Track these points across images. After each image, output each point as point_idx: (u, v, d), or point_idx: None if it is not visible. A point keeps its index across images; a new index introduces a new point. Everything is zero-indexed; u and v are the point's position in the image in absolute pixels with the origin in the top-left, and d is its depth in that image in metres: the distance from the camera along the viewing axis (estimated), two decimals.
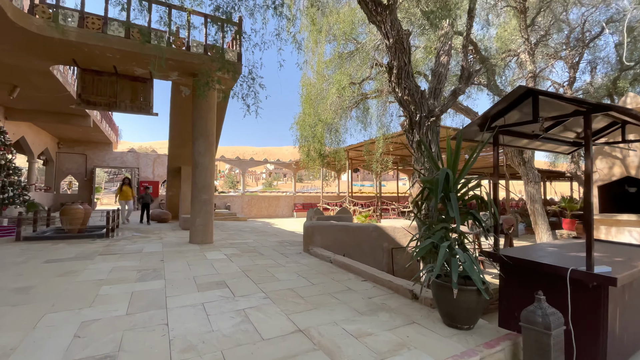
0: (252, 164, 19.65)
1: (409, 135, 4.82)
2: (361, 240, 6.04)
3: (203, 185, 6.94)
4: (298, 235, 9.13)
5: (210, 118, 7.15)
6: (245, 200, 18.22)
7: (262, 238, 8.19)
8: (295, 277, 4.26)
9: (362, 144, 12.26)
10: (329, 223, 6.11)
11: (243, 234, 8.98)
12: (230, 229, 10.24)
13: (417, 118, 4.51)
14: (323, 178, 17.39)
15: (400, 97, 4.48)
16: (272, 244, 7.11)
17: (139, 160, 17.54)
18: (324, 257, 5.36)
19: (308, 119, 8.75)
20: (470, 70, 4.09)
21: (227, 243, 7.11)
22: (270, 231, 10.14)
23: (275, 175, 61.24)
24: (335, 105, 7.99)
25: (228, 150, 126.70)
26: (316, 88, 8.81)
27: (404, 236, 6.02)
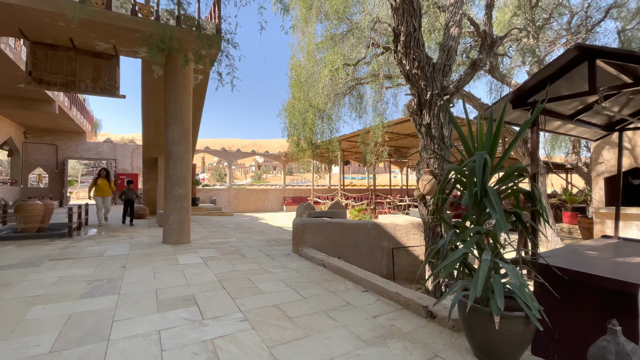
0: (239, 155, 18.69)
1: (416, 118, 4.09)
2: (358, 239, 5.34)
3: (178, 178, 6.09)
4: (287, 232, 8.38)
5: (185, 101, 6.27)
6: (232, 193, 17.33)
7: (247, 236, 7.41)
8: (282, 288, 3.52)
9: (356, 133, 11.50)
10: (322, 220, 5.38)
11: (226, 231, 8.17)
12: (213, 225, 9.41)
13: (427, 96, 3.78)
14: (314, 170, 16.64)
15: (408, 70, 3.73)
16: (258, 243, 6.34)
17: (116, 151, 16.38)
18: (316, 260, 4.64)
19: (298, 104, 7.94)
20: (494, 37, 3.38)
21: (207, 243, 6.31)
22: (256, 227, 9.36)
23: (264, 168, 60.08)
24: (327, 88, 7.19)
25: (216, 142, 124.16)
26: (307, 70, 7.98)
27: (406, 234, 5.35)
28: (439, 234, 4.47)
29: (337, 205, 7.46)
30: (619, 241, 3.85)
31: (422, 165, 4.39)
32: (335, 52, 7.36)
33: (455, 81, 3.69)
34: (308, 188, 20.16)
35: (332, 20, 8.17)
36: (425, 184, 4.06)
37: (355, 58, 7.68)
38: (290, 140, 9.04)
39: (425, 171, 4.12)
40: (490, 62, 9.35)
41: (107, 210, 9.10)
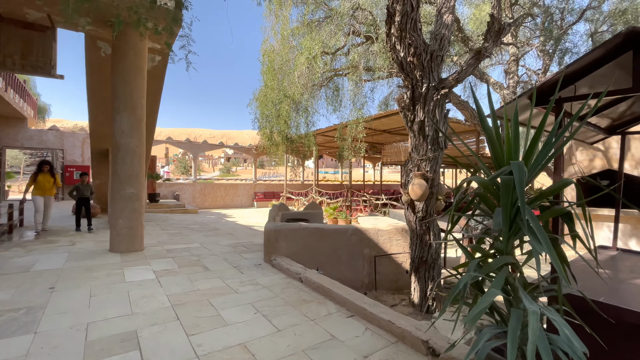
0: (206, 147, 17.49)
1: (407, 114, 3.59)
2: (338, 246, 4.82)
3: (128, 175, 5.20)
4: (258, 234, 7.70)
5: (138, 85, 5.36)
6: (197, 188, 16.18)
7: (213, 240, 6.64)
8: (251, 316, 2.90)
9: (333, 127, 10.96)
10: (298, 225, 4.79)
11: (189, 234, 7.34)
12: (174, 226, 8.50)
13: (422, 89, 3.28)
14: (287, 165, 15.93)
15: (402, 58, 3.20)
16: (224, 250, 5.63)
17: (63, 140, 14.62)
18: (291, 274, 4.05)
19: (271, 94, 7.22)
20: (502, 22, 2.94)
21: (163, 250, 5.49)
22: (223, 228, 8.58)
23: (234, 161, 58.01)
24: (304, 78, 6.54)
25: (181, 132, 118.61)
26: (281, 57, 7.26)
27: (388, 240, 4.91)
28: (426, 242, 4.06)
29: (313, 206, 6.90)
30: (620, 253, 3.63)
31: (411, 167, 3.92)
32: (313, 39, 6.70)
33: (455, 73, 3.22)
34: (281, 183, 19.42)
35: (308, 5, 7.49)
36: (416, 189, 3.60)
37: (334, 46, 7.08)
38: (262, 133, 8.30)
39: (417, 174, 3.65)
40: None
41: (47, 216, 7.06)
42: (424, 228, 4.01)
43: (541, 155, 1.83)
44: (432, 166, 3.61)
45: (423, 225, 4.00)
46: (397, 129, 11.86)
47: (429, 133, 3.44)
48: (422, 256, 4.09)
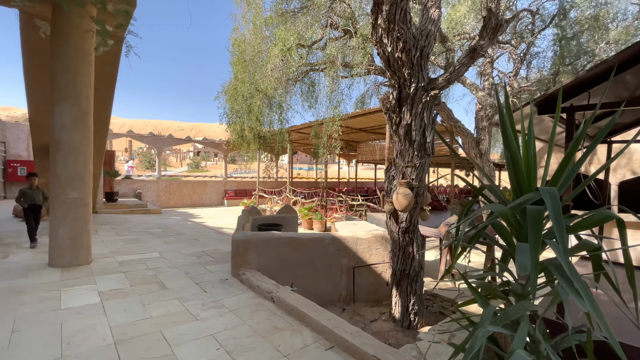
0: (171, 142, 16.37)
1: (392, 116, 3.25)
2: (314, 256, 4.43)
3: (70, 178, 4.47)
4: (227, 239, 7.14)
5: (83, 71, 4.61)
6: (161, 186, 15.11)
7: (175, 247, 6.01)
8: (212, 354, 2.44)
9: (308, 124, 10.51)
10: (270, 235, 4.34)
11: (148, 240, 6.63)
12: (132, 230, 7.70)
13: (411, 89, 2.94)
14: (260, 161, 15.24)
15: (389, 53, 2.83)
16: (187, 261, 5.06)
17: (5, 131, 13.01)
18: (262, 292, 3.61)
19: (242, 87, 6.64)
20: (500, 18, 2.65)
21: (115, 263, 4.82)
22: (189, 232, 7.90)
23: (204, 155, 55.73)
24: (278, 71, 6.04)
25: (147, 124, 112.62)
26: (253, 48, 6.69)
27: (368, 249, 4.59)
28: (410, 254, 3.78)
29: (288, 209, 6.45)
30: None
31: (395, 173, 3.60)
32: (288, 30, 6.21)
33: (447, 73, 2.91)
34: (253, 180, 18.70)
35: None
36: (401, 198, 3.28)
37: (311, 39, 6.62)
38: (232, 129, 7.69)
39: (401, 183, 3.33)
40: (447, 58, 9.03)
41: None
42: (407, 239, 3.72)
43: (568, 177, 1.54)
44: (418, 174, 3.31)
45: (406, 237, 3.71)
46: (373, 128, 11.65)
47: (416, 138, 3.13)
48: (405, 269, 3.81)
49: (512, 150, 1.43)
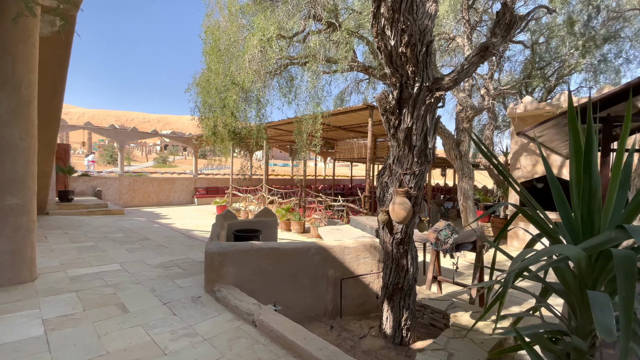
0: (135, 135, 15.17)
1: (390, 119, 2.93)
2: (298, 268, 4.06)
3: (9, 180, 3.76)
4: (199, 244, 6.57)
5: (24, 54, 3.88)
6: (124, 183, 13.97)
7: (139, 257, 5.39)
8: None
9: (286, 121, 10.06)
10: (249, 246, 3.91)
11: (108, 247, 5.92)
12: (89, 235, 6.89)
13: (414, 89, 2.63)
14: (233, 158, 14.47)
15: (392, 47, 2.50)
16: (153, 273, 4.50)
17: None
18: (241, 313, 3.19)
19: (215, 79, 6.06)
20: (515, 14, 2.40)
21: (66, 279, 4.16)
22: (155, 236, 7.22)
23: (172, 149, 53.04)
24: (257, 63, 5.54)
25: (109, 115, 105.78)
26: (228, 36, 6.13)
27: (356, 258, 4.30)
28: (404, 267, 3.52)
29: (266, 213, 6.01)
30: None
31: (389, 180, 3.30)
32: (268, 18, 5.71)
33: (454, 72, 2.63)
34: (225, 177, 17.87)
35: None
36: (399, 209, 2.99)
37: (292, 30, 6.17)
38: (204, 125, 7.08)
39: (399, 192, 3.04)
40: None
41: None
42: (402, 251, 3.45)
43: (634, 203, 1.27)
44: (418, 182, 3.03)
45: (401, 248, 3.44)
46: (352, 126, 11.40)
47: (417, 143, 2.84)
48: (398, 282, 3.54)
49: (591, 174, 1.13)
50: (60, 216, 9.17)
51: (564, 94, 7.73)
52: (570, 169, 1.28)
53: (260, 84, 5.84)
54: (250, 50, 5.53)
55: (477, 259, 4.54)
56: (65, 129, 13.32)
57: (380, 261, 4.45)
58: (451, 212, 13.19)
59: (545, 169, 1.37)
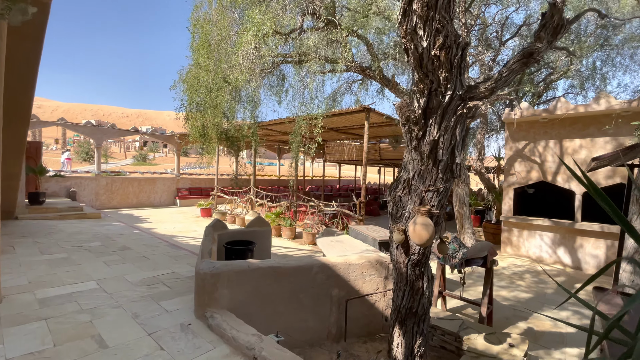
0: (114, 133, 14.29)
1: (412, 129, 2.62)
2: (299, 287, 3.70)
3: None
4: (185, 254, 6.07)
5: None
6: (101, 183, 13.13)
7: (119, 271, 4.87)
8: None
9: (277, 121, 9.64)
10: (245, 265, 3.51)
11: (83, 259, 5.35)
12: (62, 244, 6.27)
13: (446, 97, 2.33)
14: (219, 158, 13.87)
15: (423, 50, 2.18)
16: (135, 294, 4.02)
17: None
18: (239, 346, 2.81)
19: (205, 76, 5.59)
20: (563, 17, 2.13)
21: (34, 302, 3.63)
22: (136, 245, 6.66)
23: (152, 146, 51.17)
24: (251, 60, 5.11)
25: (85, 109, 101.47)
26: (219, 30, 5.67)
27: (361, 276, 3.98)
28: (419, 290, 3.22)
29: (259, 222, 5.61)
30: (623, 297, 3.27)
31: (407, 197, 2.99)
32: (264, 12, 5.30)
33: (491, 80, 2.33)
34: (210, 178, 17.20)
35: None
36: (421, 230, 2.68)
37: (289, 25, 5.78)
38: (191, 125, 6.57)
39: (421, 211, 2.73)
40: None
41: None
42: (417, 273, 3.15)
43: None
44: (441, 200, 2.73)
45: (416, 270, 3.14)
46: (345, 128, 11.09)
47: (443, 157, 2.54)
48: (412, 307, 3.24)
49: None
50: (30, 221, 8.40)
51: (561, 101, 7.68)
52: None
53: (255, 82, 5.42)
54: (245, 46, 5.10)
55: (487, 276, 4.31)
56: (36, 125, 12.36)
57: (386, 278, 4.16)
58: None
59: (587, 186, 1.07)
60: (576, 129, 7.82)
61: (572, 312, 5.38)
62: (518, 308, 5.35)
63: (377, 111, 8.14)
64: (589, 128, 7.67)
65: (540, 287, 6.37)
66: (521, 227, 8.52)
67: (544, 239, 8.17)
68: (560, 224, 7.84)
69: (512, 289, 6.18)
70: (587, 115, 7.60)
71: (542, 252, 8.18)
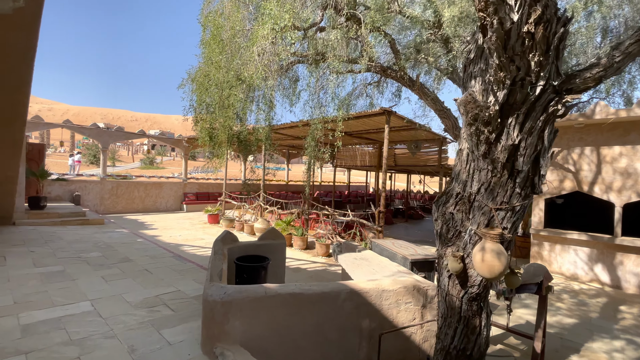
0: (121, 136, 13.94)
1: (481, 130, 2.06)
2: (323, 318, 3.13)
3: None
4: (192, 268, 5.54)
5: None
6: (106, 187, 12.74)
7: (117, 289, 4.35)
8: None
9: (289, 125, 9.15)
10: (262, 291, 2.96)
11: (79, 273, 4.86)
12: (59, 254, 5.79)
13: (536, 90, 1.77)
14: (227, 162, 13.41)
15: (512, 25, 1.62)
16: (133, 320, 3.49)
17: None
18: None
19: (216, 73, 5.12)
20: None
21: (16, 330, 3.12)
22: (138, 256, 6.16)
23: (159, 149, 51.17)
24: (268, 56, 4.62)
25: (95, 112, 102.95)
26: (233, 23, 5.19)
27: (395, 304, 3.40)
28: (475, 329, 2.63)
29: (273, 234, 5.07)
30: None
31: (472, 216, 2.41)
32: (282, 5, 4.81)
33: (599, 67, 1.77)
34: (217, 182, 16.76)
35: None
36: (492, 259, 2.11)
37: (309, 19, 5.28)
38: (201, 128, 6.09)
39: (492, 235, 2.16)
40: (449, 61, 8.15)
41: None
42: (475, 309, 2.57)
43: None
44: (516, 222, 2.16)
45: (474, 305, 2.56)
46: (360, 132, 10.56)
47: (523, 167, 1.98)
48: (466, 348, 2.66)
49: None
50: (28, 227, 7.98)
51: (600, 105, 7.05)
52: None
53: (272, 81, 4.92)
54: (260, 41, 4.61)
55: (542, 304, 3.69)
56: (40, 127, 12.05)
57: (424, 307, 3.57)
58: None
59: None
60: (616, 135, 7.18)
61: (626, 342, 4.74)
62: (566, 337, 4.70)
63: (398, 114, 7.60)
64: (630, 134, 7.02)
65: (583, 311, 5.71)
66: (553, 241, 7.84)
67: (579, 255, 7.48)
68: (598, 238, 7.15)
69: (553, 312, 5.53)
70: (628, 121, 6.96)
71: (577, 268, 7.49)
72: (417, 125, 8.74)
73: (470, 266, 2.45)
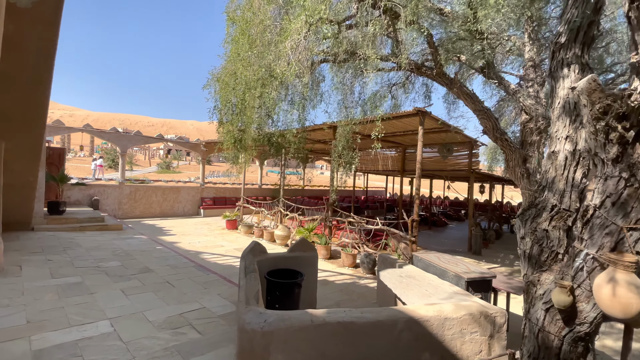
0: (139, 140, 13.84)
1: (613, 127, 1.58)
2: (378, 351, 2.66)
3: None
4: (214, 279, 5.14)
5: None
6: (125, 192, 12.62)
7: (138, 305, 3.99)
8: None
9: (313, 127, 8.76)
10: (308, 320, 2.52)
11: (98, 286, 4.53)
12: (77, 263, 5.50)
13: None
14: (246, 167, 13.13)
15: None
16: (156, 344, 3.09)
17: None
18: None
19: (244, 71, 4.75)
20: None
21: (27, 356, 2.76)
22: (159, 266, 5.81)
23: (175, 154, 51.75)
24: (302, 52, 4.22)
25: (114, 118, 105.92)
26: (260, 20, 4.83)
27: (460, 335, 2.88)
28: None
29: (303, 245, 4.64)
30: None
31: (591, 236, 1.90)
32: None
33: None
34: (234, 187, 16.50)
35: None
36: (627, 294, 1.61)
37: (344, 12, 4.88)
38: (225, 131, 5.74)
39: (626, 264, 1.65)
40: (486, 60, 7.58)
41: None
42: (580, 352, 2.05)
43: None
44: None
45: (579, 347, 2.04)
46: (386, 135, 10.05)
47: None
48: None
49: None
50: (47, 232, 7.80)
51: None
52: None
53: (306, 77, 4.52)
54: (294, 35, 4.22)
55: (628, 334, 3.10)
56: (61, 131, 12.06)
57: (491, 337, 3.03)
58: (489, 233, 11.73)
59: None
60: None
61: None
62: None
63: (433, 115, 7.09)
64: None
65: None
66: None
67: None
68: None
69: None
70: None
71: None
72: (451, 127, 8.20)
73: (581, 299, 1.94)
